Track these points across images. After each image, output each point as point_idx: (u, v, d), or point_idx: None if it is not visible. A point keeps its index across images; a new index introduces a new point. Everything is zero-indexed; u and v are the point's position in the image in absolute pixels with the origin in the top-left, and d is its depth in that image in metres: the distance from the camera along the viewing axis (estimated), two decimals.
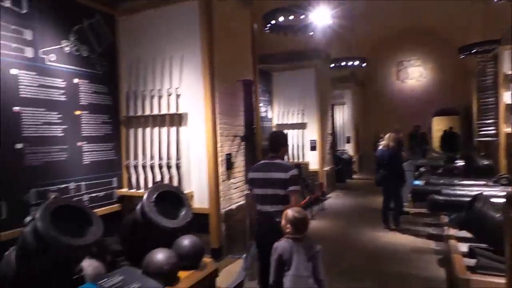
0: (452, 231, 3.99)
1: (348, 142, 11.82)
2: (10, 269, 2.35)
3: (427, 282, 3.60)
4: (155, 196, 3.14)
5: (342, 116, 11.71)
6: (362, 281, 3.67)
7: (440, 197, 4.03)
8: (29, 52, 3.30)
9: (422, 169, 7.11)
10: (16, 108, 3.17)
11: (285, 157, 2.95)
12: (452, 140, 11.42)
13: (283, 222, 2.32)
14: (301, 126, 7.89)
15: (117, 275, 2.40)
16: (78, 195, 3.75)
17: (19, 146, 3.18)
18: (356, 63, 9.53)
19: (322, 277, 2.23)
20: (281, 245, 2.26)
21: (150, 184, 4.11)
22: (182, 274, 2.78)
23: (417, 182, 5.54)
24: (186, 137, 4.04)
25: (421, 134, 11.32)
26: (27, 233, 2.31)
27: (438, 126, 12.68)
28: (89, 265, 2.98)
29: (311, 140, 7.95)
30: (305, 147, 7.90)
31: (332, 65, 9.17)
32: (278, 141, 2.94)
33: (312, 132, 7.95)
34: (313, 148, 7.95)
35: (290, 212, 2.32)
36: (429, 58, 12.85)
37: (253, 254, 2.89)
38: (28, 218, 2.45)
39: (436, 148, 11.83)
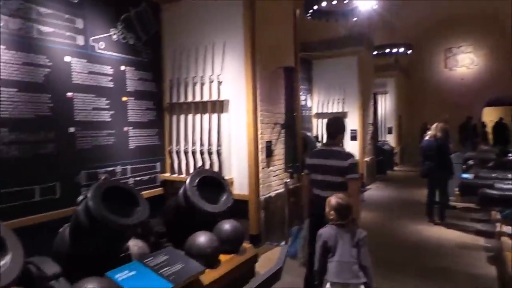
0: (505, 228, 3.75)
1: (389, 132, 11.41)
2: (64, 244, 2.51)
3: (476, 279, 3.42)
4: (197, 180, 3.22)
5: (384, 105, 11.31)
6: (404, 274, 3.56)
7: (493, 192, 3.79)
8: (80, 40, 3.45)
9: (470, 162, 6.73)
10: (69, 94, 3.34)
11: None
12: (504, 132, 10.71)
13: (327, 209, 2.30)
14: (342, 115, 7.70)
15: (162, 255, 2.49)
16: (124, 178, 3.91)
17: (71, 130, 3.36)
18: (401, 50, 9.12)
19: (367, 264, 2.18)
20: (326, 231, 2.24)
21: (191, 170, 4.20)
22: (222, 257, 2.84)
23: (465, 175, 5.25)
24: (227, 124, 4.08)
25: (472, 125, 10.71)
26: (80, 212, 2.44)
27: (490, 117, 11.90)
28: (134, 244, 3.11)
29: (351, 130, 7.74)
30: (345, 137, 7.70)
31: (375, 52, 8.84)
32: (337, 128, 2.90)
33: (353, 122, 7.74)
34: (353, 138, 7.75)
35: (333, 199, 2.29)
36: (482, 44, 12.04)
37: (305, 238, 2.87)
38: (80, 198, 2.60)
39: (490, 140, 11.13)
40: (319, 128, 7.94)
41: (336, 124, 2.93)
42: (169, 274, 2.28)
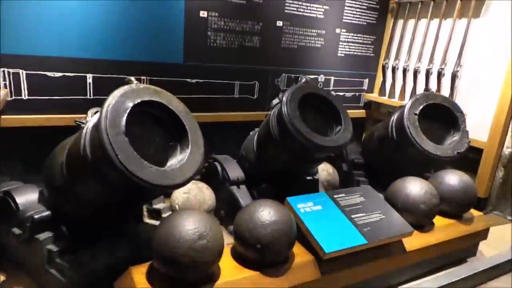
0: None
1: None
2: (250, 150, 2.23)
3: None
4: (420, 108, 2.34)
5: None
6: None
7: None
8: None
9: None
10: None
11: None
12: None
13: None
14: None
15: (356, 195, 1.88)
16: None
17: (279, 23, 2.92)
18: None
19: None
20: None
21: (407, 94, 3.27)
22: (438, 220, 2.04)
23: None
24: (479, 36, 2.83)
25: None
26: (271, 116, 2.05)
27: None
28: (324, 169, 2.63)
29: None
30: None
31: None
32: None
33: None
34: None
35: None
36: None
37: None
38: (275, 101, 2.19)
39: None
40: None
41: None
42: (363, 224, 1.68)
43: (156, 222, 1.92)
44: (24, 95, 2.21)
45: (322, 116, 2.02)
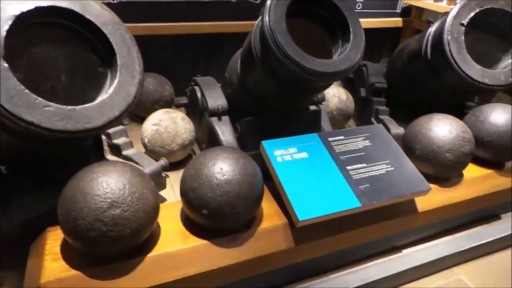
0: None
1: None
2: (234, 72, 1.77)
3: None
4: (470, 16, 1.69)
5: None
6: None
7: None
8: None
9: None
10: None
11: None
12: None
13: None
14: None
15: (361, 137, 1.43)
16: None
17: None
18: None
19: None
20: None
21: None
22: (470, 170, 1.58)
23: None
24: None
25: None
26: (254, 29, 1.54)
27: None
28: (334, 95, 2.14)
29: None
30: None
31: None
32: None
33: None
34: None
35: None
36: None
37: None
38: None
39: None
40: None
41: None
42: (360, 180, 1.26)
43: (118, 159, 1.63)
44: None
45: (324, 29, 1.48)
